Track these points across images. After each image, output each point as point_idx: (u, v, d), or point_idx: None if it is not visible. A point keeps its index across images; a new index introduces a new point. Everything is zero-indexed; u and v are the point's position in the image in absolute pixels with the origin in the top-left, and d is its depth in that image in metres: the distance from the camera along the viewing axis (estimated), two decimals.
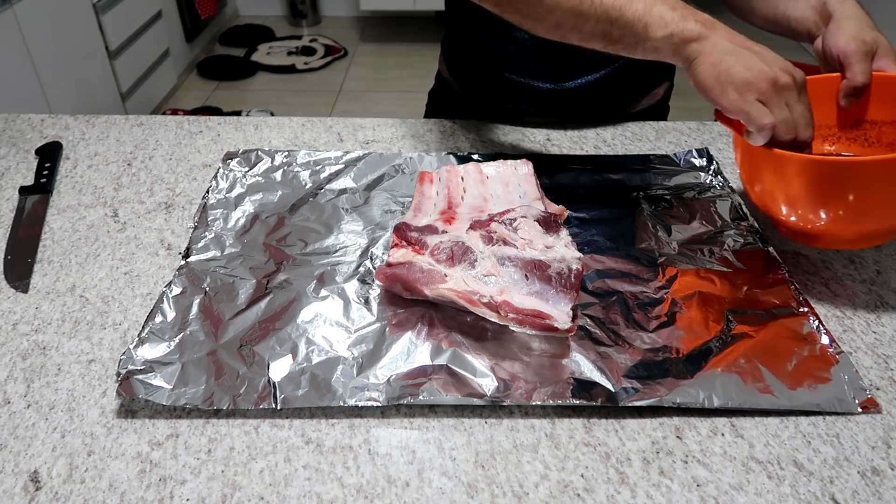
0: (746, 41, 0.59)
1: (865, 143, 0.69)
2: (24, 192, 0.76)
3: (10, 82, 1.78)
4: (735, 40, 0.58)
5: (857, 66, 0.65)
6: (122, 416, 0.52)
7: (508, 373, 0.54)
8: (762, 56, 0.57)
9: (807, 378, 0.54)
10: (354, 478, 0.48)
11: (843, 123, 0.70)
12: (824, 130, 0.70)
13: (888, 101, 0.66)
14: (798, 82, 0.57)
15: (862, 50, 0.65)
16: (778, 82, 0.56)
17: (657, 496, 0.47)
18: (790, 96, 0.57)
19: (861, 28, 0.66)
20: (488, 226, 0.65)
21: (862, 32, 0.66)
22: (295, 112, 2.79)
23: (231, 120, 0.92)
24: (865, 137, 0.69)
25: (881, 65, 0.65)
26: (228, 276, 0.63)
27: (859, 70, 0.65)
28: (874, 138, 0.69)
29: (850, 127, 0.69)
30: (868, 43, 0.65)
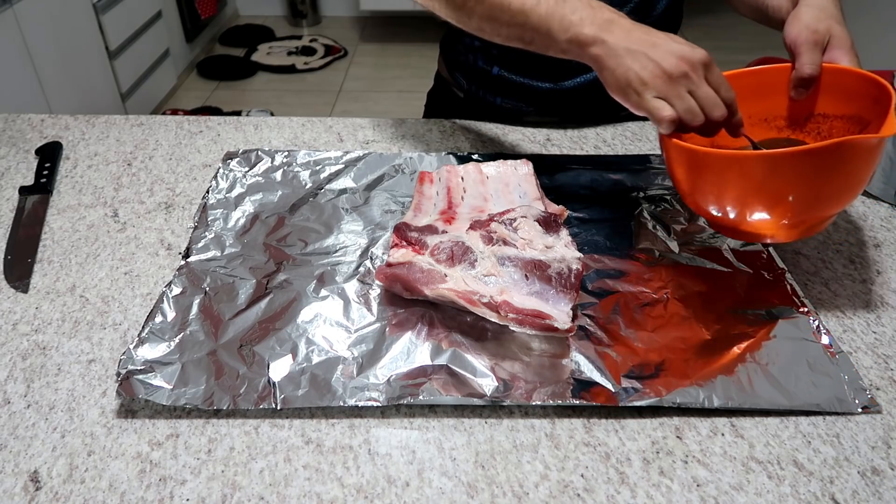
0: (645, 34, 0.58)
1: (818, 137, 0.66)
2: (24, 192, 0.76)
3: (10, 82, 1.78)
4: (631, 38, 0.58)
5: (805, 56, 0.62)
6: (122, 416, 0.52)
7: (508, 373, 0.54)
8: (659, 49, 0.57)
9: (807, 378, 0.54)
10: (354, 478, 0.48)
11: (796, 116, 0.67)
12: (779, 122, 0.68)
13: (839, 94, 0.63)
14: (696, 65, 0.56)
15: (811, 39, 0.62)
16: (672, 74, 0.56)
17: (657, 496, 0.47)
18: (688, 83, 0.56)
19: (817, 17, 0.63)
20: (488, 226, 0.65)
21: (816, 22, 0.63)
22: (295, 112, 2.79)
23: (231, 120, 0.92)
24: (818, 131, 0.66)
25: (833, 56, 0.62)
26: (228, 276, 0.63)
27: (806, 60, 0.62)
28: (826, 132, 0.66)
29: (804, 119, 0.67)
30: (819, 32, 0.62)
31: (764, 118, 0.68)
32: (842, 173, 0.53)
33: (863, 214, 0.75)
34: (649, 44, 0.58)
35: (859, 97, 0.61)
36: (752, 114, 0.68)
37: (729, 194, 0.57)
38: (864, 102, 0.61)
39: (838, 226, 0.73)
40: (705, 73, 0.57)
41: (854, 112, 0.63)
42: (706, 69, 0.57)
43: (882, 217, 0.75)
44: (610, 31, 0.59)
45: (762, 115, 0.68)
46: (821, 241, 0.71)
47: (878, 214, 0.75)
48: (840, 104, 0.64)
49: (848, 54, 0.62)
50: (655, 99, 0.57)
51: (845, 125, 0.64)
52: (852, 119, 0.63)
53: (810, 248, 0.70)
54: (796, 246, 0.70)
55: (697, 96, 0.57)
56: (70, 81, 2.04)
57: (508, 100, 0.93)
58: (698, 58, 0.57)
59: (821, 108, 0.65)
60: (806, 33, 0.62)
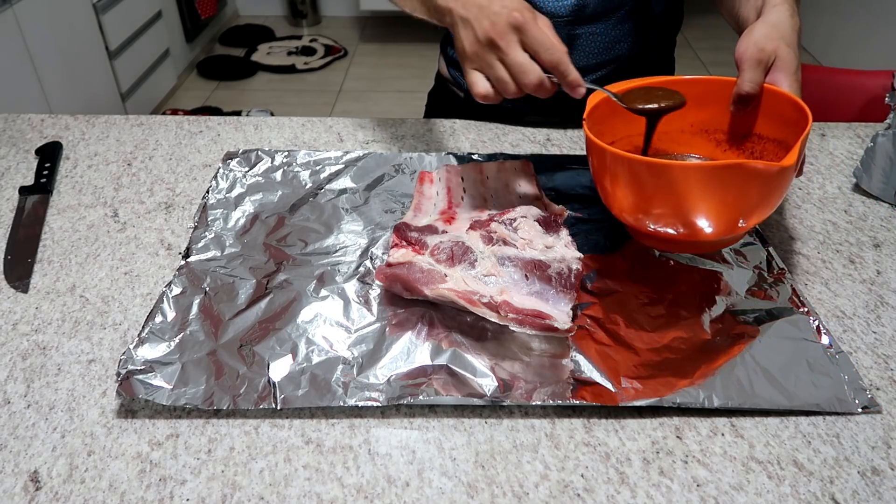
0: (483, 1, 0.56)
1: (750, 156, 0.66)
2: (24, 192, 0.76)
3: (10, 82, 1.78)
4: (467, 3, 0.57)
5: (746, 73, 0.61)
6: (122, 416, 0.52)
7: (508, 373, 0.54)
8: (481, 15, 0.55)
9: (807, 378, 0.54)
10: (354, 478, 0.48)
11: (736, 132, 0.67)
12: (718, 135, 0.68)
13: (774, 117, 0.63)
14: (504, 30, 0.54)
15: (755, 57, 0.60)
16: (482, 43, 0.55)
17: (657, 496, 0.47)
18: (497, 51, 0.55)
19: (768, 35, 0.61)
20: (488, 226, 0.65)
21: (765, 40, 0.61)
22: (295, 112, 2.79)
23: (231, 120, 0.92)
24: (752, 150, 0.66)
25: (774, 78, 0.61)
26: (228, 276, 0.63)
27: (747, 78, 0.61)
28: (758, 153, 0.66)
29: (742, 136, 0.67)
30: (766, 52, 0.60)
31: (705, 129, 0.69)
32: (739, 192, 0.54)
33: (863, 214, 0.75)
34: (477, 7, 0.56)
35: (790, 123, 0.60)
36: (693, 122, 0.68)
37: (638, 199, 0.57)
38: (792, 129, 0.60)
39: (838, 226, 0.73)
40: (520, 37, 0.55)
41: (784, 137, 0.63)
42: (519, 31, 0.55)
43: (882, 217, 0.75)
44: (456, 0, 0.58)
45: (703, 126, 0.68)
46: (821, 242, 0.71)
47: (878, 214, 0.75)
48: (773, 127, 0.64)
49: (789, 78, 0.60)
50: (473, 72, 0.56)
51: (774, 149, 0.64)
52: (781, 144, 0.63)
53: (810, 248, 0.70)
54: (796, 246, 0.70)
55: (507, 63, 0.55)
56: (70, 81, 2.04)
57: (508, 101, 0.93)
58: (505, 21, 0.54)
59: (757, 128, 0.65)
60: (752, 50, 0.61)
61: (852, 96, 1.27)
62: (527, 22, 0.55)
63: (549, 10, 0.82)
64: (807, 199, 0.78)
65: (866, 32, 2.83)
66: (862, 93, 1.26)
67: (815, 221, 0.74)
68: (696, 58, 3.28)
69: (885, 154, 0.77)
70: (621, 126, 0.68)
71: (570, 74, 0.57)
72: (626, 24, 0.84)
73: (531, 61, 0.55)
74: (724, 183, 0.53)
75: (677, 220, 0.57)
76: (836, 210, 0.76)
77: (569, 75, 0.57)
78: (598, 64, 0.86)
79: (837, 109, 1.26)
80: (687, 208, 0.55)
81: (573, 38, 0.84)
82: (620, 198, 0.59)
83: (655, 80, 0.66)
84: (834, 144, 0.88)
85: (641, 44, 0.87)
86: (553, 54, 0.55)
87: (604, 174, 0.60)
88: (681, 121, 0.68)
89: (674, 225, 0.57)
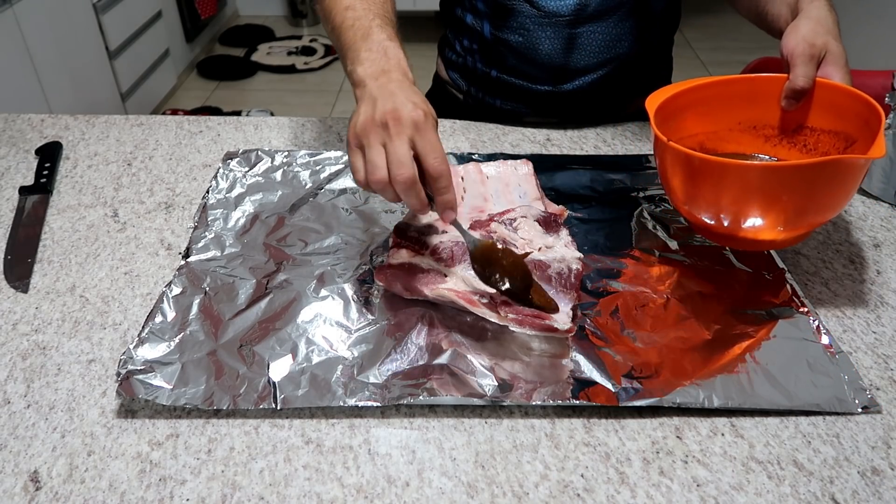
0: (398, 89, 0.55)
1: (804, 149, 0.67)
2: (24, 192, 0.76)
3: (10, 82, 1.78)
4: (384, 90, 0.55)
5: (800, 68, 0.62)
6: (122, 416, 0.52)
7: (508, 373, 0.54)
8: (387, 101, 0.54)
9: (807, 378, 0.54)
10: (354, 478, 0.48)
11: (786, 126, 0.67)
12: (767, 130, 0.68)
13: (829, 109, 0.63)
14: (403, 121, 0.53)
15: (808, 52, 0.61)
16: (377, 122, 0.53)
17: (657, 496, 0.47)
18: (384, 135, 0.53)
19: (815, 31, 0.63)
20: (488, 226, 0.65)
21: (814, 35, 0.62)
22: (295, 112, 2.79)
23: (231, 120, 0.92)
24: (805, 143, 0.67)
25: (827, 72, 0.62)
26: (228, 276, 0.63)
27: (801, 73, 0.62)
28: (812, 145, 0.66)
29: (792, 131, 0.67)
30: (816, 46, 0.62)
31: (753, 125, 0.69)
32: (829, 188, 0.55)
33: (863, 214, 0.75)
34: (388, 95, 0.55)
35: (849, 115, 0.61)
36: (741, 120, 0.68)
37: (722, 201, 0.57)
38: (853, 120, 0.61)
39: (838, 226, 0.73)
40: (414, 134, 0.53)
41: (842, 129, 0.63)
42: (416, 130, 0.53)
43: (882, 217, 0.75)
44: (376, 79, 0.57)
45: (751, 123, 0.69)
46: (821, 242, 0.71)
47: (878, 214, 0.75)
48: (829, 119, 0.64)
49: (841, 71, 0.62)
50: (356, 153, 0.55)
51: (831, 140, 0.65)
52: (839, 135, 0.64)
53: (810, 248, 0.70)
54: (796, 246, 0.70)
55: (387, 150, 0.53)
56: (70, 81, 2.04)
57: (508, 102, 0.93)
58: (409, 114, 0.53)
59: (810, 121, 0.65)
60: (803, 45, 0.62)
61: None
62: (428, 126, 0.54)
63: (550, 10, 0.82)
64: None
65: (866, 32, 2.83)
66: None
67: None
68: (695, 58, 3.28)
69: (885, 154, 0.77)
70: (674, 128, 0.67)
71: (447, 193, 0.54)
72: (626, 23, 0.84)
73: (412, 160, 0.53)
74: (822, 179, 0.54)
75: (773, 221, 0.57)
76: None
77: (446, 193, 0.54)
78: (598, 63, 0.86)
79: None
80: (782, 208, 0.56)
81: (574, 37, 0.84)
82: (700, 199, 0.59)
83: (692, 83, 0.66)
84: None
85: (641, 42, 0.87)
86: (441, 163, 0.53)
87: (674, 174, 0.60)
88: (729, 119, 0.69)
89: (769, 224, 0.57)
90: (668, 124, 0.65)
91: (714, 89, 0.67)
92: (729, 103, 0.67)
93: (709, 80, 0.67)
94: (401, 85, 0.57)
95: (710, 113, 0.68)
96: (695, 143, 0.69)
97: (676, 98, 0.65)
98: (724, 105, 0.68)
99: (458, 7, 0.90)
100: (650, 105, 0.63)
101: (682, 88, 0.66)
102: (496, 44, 0.88)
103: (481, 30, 0.88)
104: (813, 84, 0.62)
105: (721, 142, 0.70)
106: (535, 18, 0.83)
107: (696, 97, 0.67)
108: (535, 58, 0.86)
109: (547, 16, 0.83)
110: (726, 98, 0.67)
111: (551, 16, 0.83)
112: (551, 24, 0.83)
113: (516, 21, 0.84)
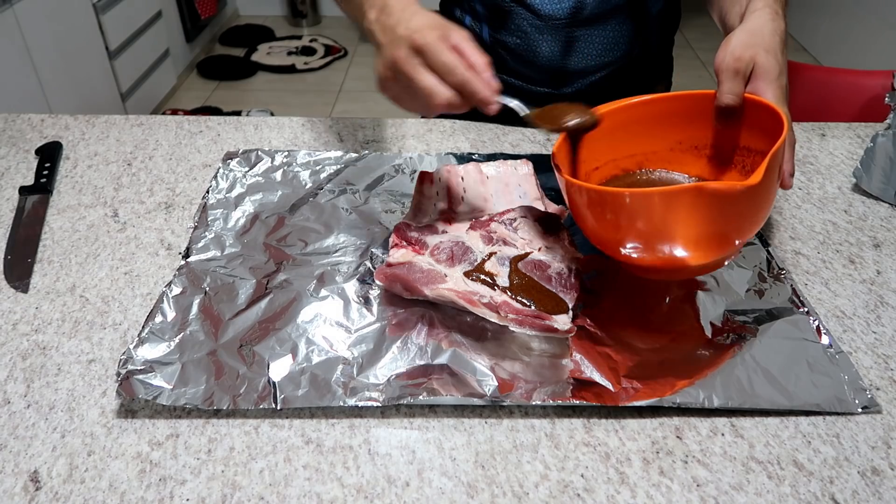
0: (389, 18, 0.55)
1: (743, 171, 0.62)
2: (24, 192, 0.76)
3: (10, 82, 1.78)
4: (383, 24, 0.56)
5: (725, 84, 0.58)
6: (122, 416, 0.52)
7: (508, 373, 0.54)
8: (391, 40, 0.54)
9: (807, 378, 0.54)
10: (354, 478, 0.48)
11: (723, 146, 0.63)
12: (708, 150, 0.64)
13: (759, 128, 0.58)
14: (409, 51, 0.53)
15: (732, 67, 0.58)
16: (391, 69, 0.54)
17: (657, 496, 0.47)
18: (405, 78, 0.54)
19: (746, 43, 0.59)
20: (488, 226, 0.65)
21: (742, 48, 0.58)
22: (295, 112, 2.79)
23: (231, 120, 0.92)
24: (743, 164, 0.62)
25: (755, 87, 0.58)
26: (228, 276, 0.63)
27: (726, 89, 0.58)
28: (749, 167, 0.61)
29: (731, 150, 0.62)
30: (742, 60, 0.58)
31: (694, 145, 0.65)
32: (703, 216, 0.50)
33: (863, 214, 0.75)
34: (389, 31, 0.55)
35: (769, 132, 0.56)
36: (682, 139, 0.65)
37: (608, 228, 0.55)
38: (771, 138, 0.55)
39: (838, 226, 0.73)
40: (423, 59, 0.53)
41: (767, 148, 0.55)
42: (421, 54, 0.53)
43: (882, 217, 0.75)
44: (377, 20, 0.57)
45: (692, 142, 0.64)
46: (821, 242, 0.71)
47: (878, 214, 0.75)
48: (758, 139, 0.59)
49: (771, 86, 0.58)
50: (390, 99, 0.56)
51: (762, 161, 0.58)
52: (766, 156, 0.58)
53: (810, 248, 0.70)
54: (796, 246, 0.70)
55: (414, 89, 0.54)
56: (70, 81, 2.04)
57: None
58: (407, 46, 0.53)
59: (744, 140, 0.61)
60: (729, 60, 0.58)
61: (852, 96, 1.27)
62: (427, 45, 0.53)
63: (546, 13, 0.82)
64: (807, 199, 0.78)
65: (866, 32, 2.83)
66: (862, 93, 1.26)
67: (815, 221, 0.74)
68: (695, 58, 3.28)
69: (885, 154, 0.77)
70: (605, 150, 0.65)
71: (477, 94, 0.53)
72: (624, 26, 0.84)
73: (437, 83, 0.53)
74: (687, 208, 0.49)
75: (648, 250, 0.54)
76: (836, 210, 0.76)
77: (476, 94, 0.53)
78: (597, 66, 0.86)
79: (837, 109, 1.26)
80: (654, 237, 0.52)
81: (572, 40, 0.84)
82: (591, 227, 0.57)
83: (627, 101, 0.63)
84: (834, 144, 0.88)
85: (640, 45, 0.87)
86: (455, 76, 0.52)
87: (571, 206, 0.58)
88: (668, 139, 0.65)
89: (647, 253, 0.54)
90: (598, 144, 0.62)
91: (651, 107, 0.63)
92: (668, 122, 0.64)
93: (644, 99, 0.63)
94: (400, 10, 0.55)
95: (649, 133, 0.64)
96: (633, 163, 0.66)
97: (609, 117, 0.62)
98: (663, 124, 0.64)
99: (458, 9, 0.91)
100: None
101: (614, 107, 0.63)
102: (495, 46, 0.88)
103: (480, 32, 0.88)
104: (739, 101, 0.58)
105: (662, 162, 0.66)
106: (532, 22, 0.83)
107: (631, 116, 0.63)
108: (533, 60, 0.86)
109: (543, 19, 0.83)
110: (664, 117, 0.63)
111: (547, 19, 0.83)
112: (548, 27, 0.83)
113: (514, 24, 0.84)
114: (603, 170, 0.66)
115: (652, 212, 0.51)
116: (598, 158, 0.65)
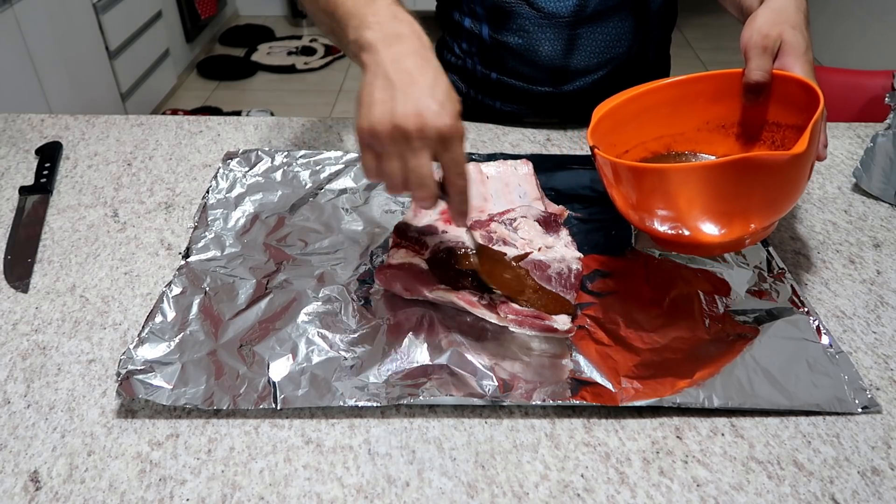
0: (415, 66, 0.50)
1: (772, 146, 0.63)
2: (24, 192, 0.76)
3: (10, 82, 1.78)
4: (400, 65, 0.50)
5: (753, 61, 0.59)
6: (122, 416, 0.52)
7: (508, 373, 0.54)
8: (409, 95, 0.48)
9: (807, 378, 0.54)
10: (354, 478, 0.48)
11: (753, 123, 0.64)
12: (735, 129, 0.65)
13: (790, 103, 0.59)
14: (429, 133, 0.48)
15: (760, 44, 0.58)
16: (396, 131, 0.48)
17: (657, 496, 0.47)
18: (406, 148, 0.49)
19: (772, 21, 0.59)
20: (488, 226, 0.65)
21: (769, 26, 0.59)
22: (295, 112, 2.79)
23: (231, 120, 0.92)
24: (773, 140, 0.63)
25: (783, 63, 0.59)
26: (228, 276, 0.63)
27: (754, 66, 0.59)
28: (779, 142, 0.62)
29: (759, 127, 0.63)
30: (770, 37, 0.58)
31: (721, 124, 0.66)
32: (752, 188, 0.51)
33: (863, 214, 0.75)
34: (408, 81, 0.49)
35: (803, 106, 0.57)
36: (709, 119, 0.66)
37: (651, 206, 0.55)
38: (806, 112, 0.57)
39: (838, 226, 0.73)
40: (438, 147, 0.49)
41: (800, 122, 0.58)
42: (442, 143, 0.49)
43: (882, 217, 0.75)
44: (389, 44, 0.51)
45: (719, 122, 0.66)
46: (821, 242, 0.71)
47: (878, 214, 0.75)
48: (789, 113, 0.60)
49: (799, 60, 0.58)
50: (369, 150, 0.51)
51: (795, 136, 0.59)
52: (801, 130, 0.57)
53: (810, 248, 0.70)
54: (796, 246, 0.70)
55: (407, 166, 0.50)
56: (70, 81, 2.04)
57: (508, 104, 0.93)
58: (436, 127, 0.48)
59: (773, 116, 0.62)
60: (756, 37, 0.59)
61: (852, 96, 1.27)
62: (454, 139, 0.49)
63: (550, 11, 0.82)
64: (807, 199, 0.78)
65: (866, 32, 2.83)
66: (862, 93, 1.26)
67: (815, 221, 0.74)
68: (696, 58, 3.28)
69: (885, 154, 0.77)
70: (633, 133, 0.66)
71: (463, 205, 0.53)
72: (626, 22, 0.84)
73: (432, 175, 0.50)
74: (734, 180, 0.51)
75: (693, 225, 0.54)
76: (836, 210, 0.76)
77: (462, 205, 0.53)
78: (598, 64, 0.86)
79: (837, 109, 1.26)
80: (698, 211, 0.53)
81: (574, 38, 0.84)
82: (630, 206, 0.57)
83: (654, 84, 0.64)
84: (834, 144, 0.88)
85: (641, 41, 0.87)
86: (463, 179, 0.51)
87: (611, 186, 0.58)
88: (695, 119, 0.66)
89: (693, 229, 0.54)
90: (626, 128, 0.63)
91: (677, 89, 0.64)
92: (694, 103, 0.65)
93: (670, 81, 0.64)
94: (419, 62, 0.50)
95: (676, 114, 0.65)
96: (661, 145, 0.67)
97: (635, 101, 0.63)
98: (690, 105, 0.65)
99: (456, 11, 0.90)
100: (596, 112, 0.61)
101: (641, 91, 0.64)
102: (496, 46, 0.88)
103: (480, 33, 0.88)
104: (769, 77, 0.59)
105: (689, 143, 0.67)
106: (534, 20, 0.83)
107: (657, 99, 0.64)
108: (535, 59, 0.86)
109: (547, 17, 0.83)
110: (691, 98, 0.64)
111: (551, 17, 0.82)
112: (551, 25, 0.83)
113: (516, 23, 0.84)
114: (633, 153, 0.67)
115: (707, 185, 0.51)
116: (627, 142, 0.66)
